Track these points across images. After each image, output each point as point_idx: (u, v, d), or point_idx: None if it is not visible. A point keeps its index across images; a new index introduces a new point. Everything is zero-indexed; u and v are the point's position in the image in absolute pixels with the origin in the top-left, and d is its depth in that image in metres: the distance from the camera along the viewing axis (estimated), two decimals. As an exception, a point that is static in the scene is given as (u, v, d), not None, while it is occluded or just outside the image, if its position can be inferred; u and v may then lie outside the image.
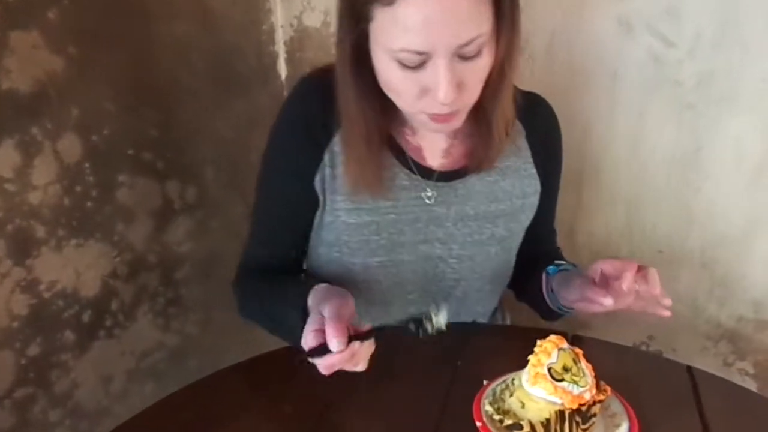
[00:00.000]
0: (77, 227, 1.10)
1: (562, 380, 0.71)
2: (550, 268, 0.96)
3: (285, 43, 1.44)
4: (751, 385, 1.27)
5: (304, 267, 1.04)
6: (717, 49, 1.12)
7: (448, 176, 0.93)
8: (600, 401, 0.73)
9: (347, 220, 0.91)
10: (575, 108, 1.24)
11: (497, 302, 1.09)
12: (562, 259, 1.03)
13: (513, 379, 0.78)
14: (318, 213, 0.93)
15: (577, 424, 0.72)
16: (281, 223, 0.96)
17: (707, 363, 1.28)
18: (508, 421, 0.72)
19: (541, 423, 0.71)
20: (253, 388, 0.86)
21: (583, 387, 0.71)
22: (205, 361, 1.38)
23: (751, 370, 1.28)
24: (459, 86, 0.77)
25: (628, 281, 0.79)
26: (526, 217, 0.98)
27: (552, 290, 0.94)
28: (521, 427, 0.71)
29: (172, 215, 1.28)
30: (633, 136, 1.23)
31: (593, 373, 0.74)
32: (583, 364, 0.74)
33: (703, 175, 1.19)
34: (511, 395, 0.77)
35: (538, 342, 0.75)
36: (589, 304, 0.83)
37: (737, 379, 1.26)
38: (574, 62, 1.23)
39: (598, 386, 0.74)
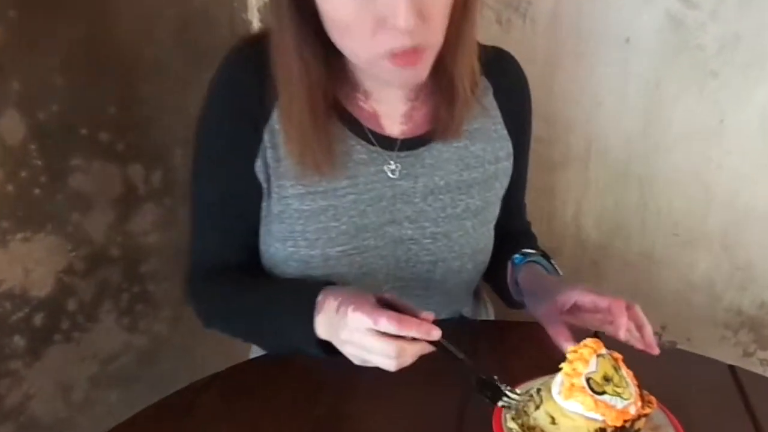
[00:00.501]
0: (24, 218, 0.95)
1: (603, 393, 0.60)
2: (517, 257, 0.88)
3: (259, 10, 1.29)
4: (773, 376, 1.18)
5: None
6: (743, 10, 1.01)
7: (411, 144, 0.82)
8: (645, 415, 0.62)
9: (300, 207, 0.79)
10: (583, 78, 1.13)
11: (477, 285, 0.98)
12: (531, 237, 0.97)
13: (538, 389, 0.67)
14: (264, 204, 0.81)
15: (619, 442, 0.61)
16: (225, 219, 0.84)
17: (726, 354, 1.19)
18: (538, 443, 0.61)
19: (580, 444, 0.60)
20: (234, 401, 0.74)
21: (627, 400, 0.60)
22: (179, 363, 1.26)
23: (774, 360, 1.19)
24: (420, 15, 0.66)
25: (623, 330, 0.69)
26: (501, 185, 0.88)
27: (517, 282, 0.86)
28: (556, 449, 0.60)
29: (136, 203, 1.15)
30: (647, 107, 1.12)
31: (635, 382, 0.63)
32: (624, 371, 0.63)
33: (725, 149, 1.09)
34: (536, 408, 0.66)
35: (570, 348, 0.64)
36: None
37: (758, 370, 1.16)
38: (582, 26, 1.11)
39: (641, 397, 0.63)
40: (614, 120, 1.14)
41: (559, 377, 0.63)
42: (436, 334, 0.66)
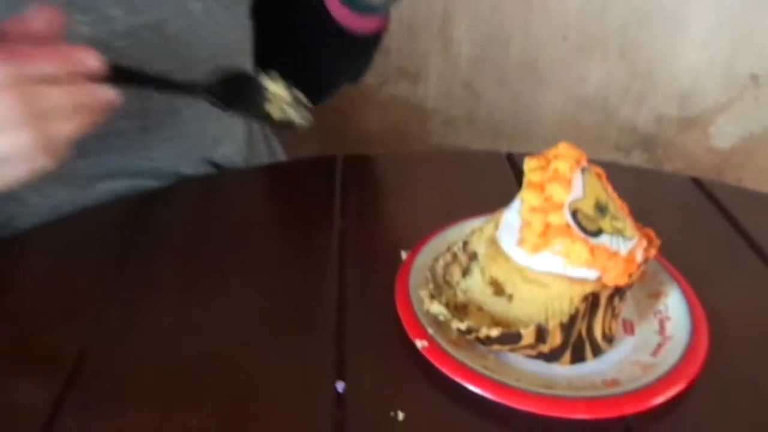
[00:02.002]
0: None
1: (599, 233, 0.34)
2: None
3: None
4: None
5: None
6: None
7: None
8: (647, 260, 0.37)
9: None
10: None
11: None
12: None
13: (465, 243, 0.40)
14: None
15: (613, 310, 0.37)
16: None
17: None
18: (488, 332, 0.34)
19: (560, 325, 0.34)
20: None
21: (631, 240, 0.35)
22: None
23: (667, 182, 1.04)
24: None
25: None
26: None
27: None
28: (519, 337, 0.34)
29: None
30: None
31: (626, 209, 0.38)
32: (611, 192, 0.38)
33: None
34: (466, 274, 0.40)
35: (529, 162, 0.36)
36: None
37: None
38: None
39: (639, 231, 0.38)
40: None
41: (512, 217, 0.36)
42: (93, 61, 0.35)
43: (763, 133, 0.97)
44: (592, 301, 0.34)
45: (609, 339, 0.37)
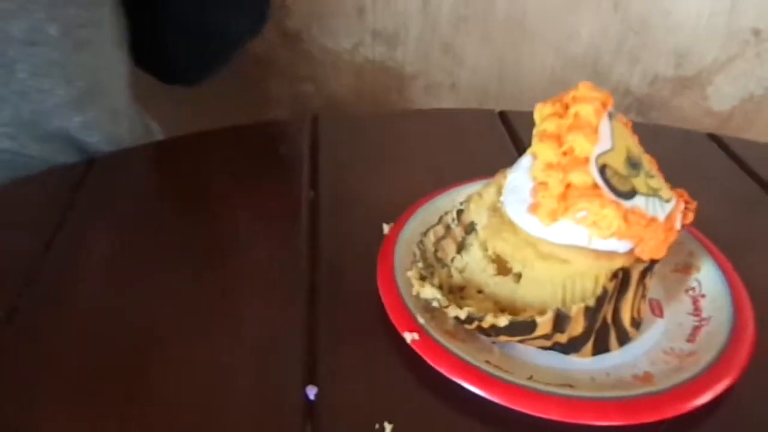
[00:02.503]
0: None
1: (632, 194, 0.27)
2: None
3: None
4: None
5: None
6: None
7: None
8: (683, 227, 0.31)
9: None
10: None
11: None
12: None
13: (459, 212, 0.34)
14: None
15: (644, 288, 0.30)
16: None
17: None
18: (495, 320, 0.28)
19: (585, 309, 0.27)
20: None
21: (668, 202, 0.28)
22: None
23: (662, 147, 0.98)
24: None
25: None
26: None
27: None
28: (534, 326, 0.27)
29: None
30: None
31: (656, 165, 0.31)
32: (640, 146, 0.31)
33: None
34: (462, 250, 0.33)
35: (542, 108, 0.29)
36: None
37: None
38: None
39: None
40: None
41: (519, 178, 0.29)
42: None
43: (764, 93, 0.91)
44: (623, 276, 0.28)
45: (637, 324, 0.31)
